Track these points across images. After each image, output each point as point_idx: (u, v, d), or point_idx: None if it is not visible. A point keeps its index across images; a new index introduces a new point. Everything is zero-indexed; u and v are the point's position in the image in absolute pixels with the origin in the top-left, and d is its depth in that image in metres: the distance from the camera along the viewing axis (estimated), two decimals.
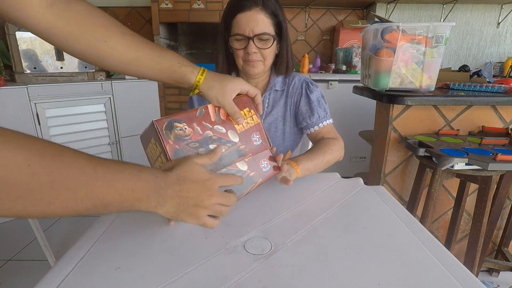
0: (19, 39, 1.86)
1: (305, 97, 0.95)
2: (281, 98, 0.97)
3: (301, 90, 0.96)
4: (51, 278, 0.46)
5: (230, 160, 0.56)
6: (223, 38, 0.90)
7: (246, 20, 0.81)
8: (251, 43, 0.82)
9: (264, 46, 0.84)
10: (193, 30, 2.81)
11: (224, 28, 0.88)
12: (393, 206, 0.69)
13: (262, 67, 0.88)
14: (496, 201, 1.32)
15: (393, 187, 1.42)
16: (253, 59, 0.84)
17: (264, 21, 0.82)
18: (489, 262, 1.43)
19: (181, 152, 0.50)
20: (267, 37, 0.83)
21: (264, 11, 0.81)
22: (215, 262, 0.50)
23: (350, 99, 2.01)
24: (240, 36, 0.82)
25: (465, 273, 0.47)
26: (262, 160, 0.61)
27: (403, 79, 1.21)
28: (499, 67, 2.62)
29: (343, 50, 2.51)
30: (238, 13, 0.81)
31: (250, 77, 0.92)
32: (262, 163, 0.60)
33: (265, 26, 0.82)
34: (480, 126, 1.32)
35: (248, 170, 0.58)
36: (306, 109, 0.94)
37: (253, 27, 0.81)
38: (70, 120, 2.01)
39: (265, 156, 0.62)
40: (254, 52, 0.83)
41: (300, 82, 0.97)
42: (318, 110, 0.93)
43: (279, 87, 0.96)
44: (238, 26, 0.82)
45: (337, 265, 0.49)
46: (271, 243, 0.55)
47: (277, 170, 0.63)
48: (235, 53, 0.88)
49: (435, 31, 1.12)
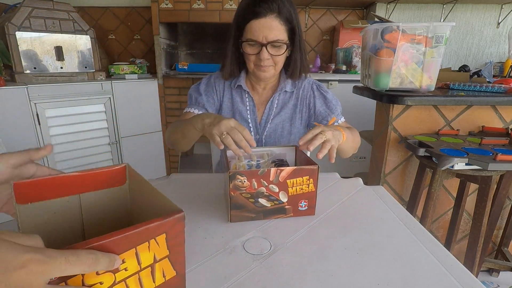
0: (19, 39, 1.86)
1: (320, 98, 0.97)
2: (290, 99, 0.98)
3: (312, 92, 0.97)
4: None
5: (271, 214, 0.62)
6: (233, 40, 0.89)
7: (261, 27, 0.80)
8: (264, 50, 0.82)
9: (276, 53, 0.84)
10: (193, 30, 2.80)
11: (236, 31, 0.87)
12: (393, 206, 0.69)
13: (273, 72, 0.88)
14: (496, 201, 1.32)
15: (393, 187, 1.42)
16: (265, 64, 0.85)
17: (278, 28, 0.81)
18: (489, 262, 1.43)
19: (234, 198, 0.59)
20: (280, 44, 0.83)
21: (279, 18, 0.81)
22: (215, 262, 0.50)
23: (350, 99, 2.00)
24: (253, 42, 0.82)
25: (465, 273, 0.47)
26: (303, 201, 0.63)
27: (403, 79, 1.21)
28: (499, 67, 2.61)
29: (343, 50, 2.51)
30: (252, 19, 0.80)
31: (260, 80, 0.93)
32: (301, 203, 0.63)
33: (279, 33, 0.81)
34: (480, 126, 1.32)
35: (286, 202, 0.62)
36: (324, 108, 0.96)
37: (267, 34, 0.80)
38: (70, 120, 2.01)
39: (306, 198, 0.64)
40: (266, 59, 0.84)
41: (310, 85, 0.98)
42: (337, 107, 0.96)
43: (288, 89, 0.96)
44: (252, 32, 0.81)
45: (337, 265, 0.49)
46: (271, 243, 0.55)
47: (312, 213, 0.65)
48: (246, 57, 0.88)
49: (435, 31, 1.12)
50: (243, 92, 0.97)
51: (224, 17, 2.32)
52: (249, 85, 0.98)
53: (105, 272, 0.30)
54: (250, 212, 0.60)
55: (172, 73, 2.44)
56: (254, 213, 0.61)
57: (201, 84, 0.99)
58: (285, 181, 0.60)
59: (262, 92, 0.99)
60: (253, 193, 0.59)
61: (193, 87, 1.00)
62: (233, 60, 0.92)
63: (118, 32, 2.82)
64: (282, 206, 0.62)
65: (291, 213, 0.63)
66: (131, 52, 2.87)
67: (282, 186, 0.60)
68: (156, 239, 0.33)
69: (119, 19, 2.78)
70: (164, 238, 0.34)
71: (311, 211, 0.64)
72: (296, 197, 0.62)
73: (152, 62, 2.55)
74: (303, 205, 0.63)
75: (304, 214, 0.64)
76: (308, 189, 0.62)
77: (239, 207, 0.60)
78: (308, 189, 0.62)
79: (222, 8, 2.29)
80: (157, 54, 2.38)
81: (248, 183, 0.58)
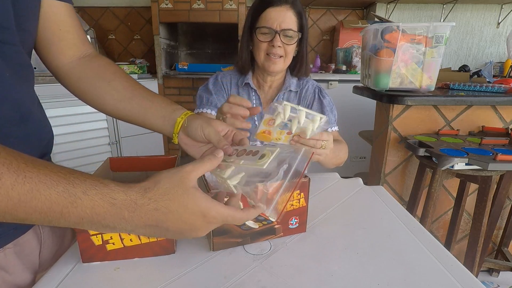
0: None
1: (318, 101, 0.99)
2: (294, 100, 1.00)
3: (314, 95, 1.00)
4: (51, 277, 0.46)
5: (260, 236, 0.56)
6: (248, 32, 0.93)
7: (275, 15, 0.85)
8: (277, 37, 0.85)
9: (288, 42, 0.87)
10: (193, 30, 2.80)
11: (250, 22, 0.91)
12: (393, 206, 0.69)
13: (282, 65, 0.90)
14: (496, 201, 1.32)
15: (393, 187, 1.42)
16: (276, 52, 0.87)
17: (292, 18, 0.86)
18: (489, 262, 1.43)
19: None
20: (292, 34, 0.87)
21: (292, 9, 0.86)
22: (215, 262, 0.50)
23: (350, 99, 2.00)
24: (266, 29, 0.86)
25: (464, 273, 0.47)
26: (294, 217, 0.58)
27: (403, 79, 1.21)
28: (499, 67, 2.61)
29: (343, 50, 2.51)
30: (268, 7, 0.86)
31: (267, 74, 0.94)
32: (291, 220, 0.58)
33: (292, 23, 0.86)
34: (480, 126, 1.32)
35: (275, 221, 0.56)
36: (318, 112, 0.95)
37: (281, 22, 0.85)
38: (70, 120, 2.01)
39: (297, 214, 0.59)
40: (278, 46, 0.86)
41: (313, 87, 1.01)
42: (329, 115, 0.97)
43: (293, 88, 0.98)
44: (266, 20, 0.86)
45: (337, 265, 0.49)
46: (271, 243, 0.55)
47: (303, 231, 0.60)
48: (257, 47, 0.90)
49: (435, 31, 1.12)
50: (250, 90, 0.99)
51: (224, 17, 2.32)
52: (255, 83, 1.00)
53: None
54: (235, 237, 0.54)
55: (172, 73, 2.44)
56: (240, 237, 0.54)
57: (209, 84, 1.00)
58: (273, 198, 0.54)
59: (268, 91, 1.01)
60: None
61: (202, 88, 1.01)
62: (249, 53, 0.95)
63: (118, 32, 2.82)
64: (271, 226, 0.56)
65: (281, 233, 0.58)
66: (131, 52, 2.87)
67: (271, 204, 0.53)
68: None
69: (119, 19, 2.78)
70: None
71: (301, 228, 0.59)
72: (286, 214, 0.57)
73: (152, 62, 2.55)
74: (293, 222, 0.58)
75: (294, 232, 0.59)
76: (299, 204, 0.57)
77: (223, 233, 0.52)
78: (299, 205, 0.57)
79: (222, 8, 2.29)
80: (157, 54, 2.38)
81: None
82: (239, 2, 2.27)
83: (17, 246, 0.47)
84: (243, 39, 0.95)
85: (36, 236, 0.51)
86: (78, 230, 0.46)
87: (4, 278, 0.45)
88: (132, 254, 0.50)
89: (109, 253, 0.49)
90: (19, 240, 0.47)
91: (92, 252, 0.48)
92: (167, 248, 0.51)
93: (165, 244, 0.51)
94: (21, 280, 0.48)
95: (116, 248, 0.48)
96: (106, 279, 0.46)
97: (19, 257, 0.47)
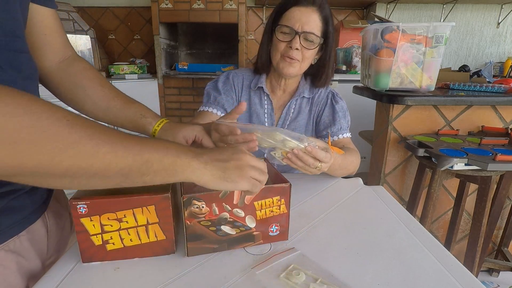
0: None
1: (330, 107, 0.95)
2: (307, 106, 0.96)
3: (326, 100, 0.95)
4: (51, 277, 0.46)
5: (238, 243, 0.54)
6: (270, 31, 0.88)
7: (299, 15, 0.80)
8: (296, 38, 0.80)
9: (308, 46, 0.82)
10: (193, 30, 2.80)
11: (273, 20, 0.86)
12: (393, 206, 0.69)
13: (298, 69, 0.85)
14: (496, 201, 1.32)
15: (393, 187, 1.42)
16: (293, 55, 0.82)
17: (316, 22, 0.81)
18: (489, 262, 1.43)
19: (190, 228, 0.50)
20: (314, 38, 0.81)
21: (318, 13, 0.81)
22: (215, 262, 0.50)
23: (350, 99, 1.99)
24: (287, 29, 0.81)
25: (464, 273, 0.47)
26: (274, 224, 0.56)
27: (403, 79, 1.21)
28: (499, 67, 2.61)
29: (343, 50, 2.51)
30: (293, 6, 0.81)
31: (282, 76, 0.90)
32: (272, 227, 0.56)
33: (315, 27, 0.81)
34: (480, 126, 1.32)
35: (254, 228, 0.54)
36: (330, 119, 0.93)
37: (304, 23, 0.80)
38: None
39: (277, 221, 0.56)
40: (296, 49, 0.81)
41: (326, 93, 0.96)
42: (341, 120, 0.92)
43: (307, 94, 0.94)
44: (289, 19, 0.81)
45: (337, 265, 0.49)
46: (271, 243, 0.55)
47: (285, 239, 0.57)
48: (275, 46, 0.85)
49: (435, 31, 1.12)
50: (263, 94, 0.95)
51: (224, 17, 2.32)
52: (269, 87, 0.96)
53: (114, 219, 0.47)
54: (211, 243, 0.51)
55: (172, 73, 2.44)
56: (216, 243, 0.52)
57: (218, 81, 0.96)
58: (252, 204, 0.52)
59: (281, 96, 0.97)
60: (214, 220, 0.50)
61: (211, 84, 0.96)
62: (266, 53, 0.90)
63: (118, 32, 2.82)
64: (249, 232, 0.53)
65: (260, 240, 0.55)
66: (131, 52, 2.87)
67: (249, 210, 0.52)
68: (148, 208, 0.48)
69: (119, 19, 2.78)
70: (153, 208, 0.48)
71: (283, 236, 0.56)
72: (266, 221, 0.54)
73: (152, 62, 2.55)
74: (274, 229, 0.55)
75: (275, 240, 0.56)
76: (280, 211, 0.54)
77: (197, 238, 0.50)
78: (279, 211, 0.54)
79: (222, 8, 2.29)
80: (157, 54, 2.38)
81: (207, 208, 0.49)
82: (239, 2, 2.27)
83: (29, 233, 0.50)
84: (264, 38, 0.90)
85: (44, 225, 0.54)
86: (78, 230, 0.46)
87: (22, 264, 0.48)
88: (132, 254, 0.50)
89: (109, 253, 0.49)
90: (31, 228, 0.50)
91: (92, 252, 0.48)
92: (167, 248, 0.51)
93: (165, 244, 0.51)
94: (34, 265, 0.51)
95: (116, 248, 0.49)
96: (106, 279, 0.46)
97: (32, 244, 0.51)
